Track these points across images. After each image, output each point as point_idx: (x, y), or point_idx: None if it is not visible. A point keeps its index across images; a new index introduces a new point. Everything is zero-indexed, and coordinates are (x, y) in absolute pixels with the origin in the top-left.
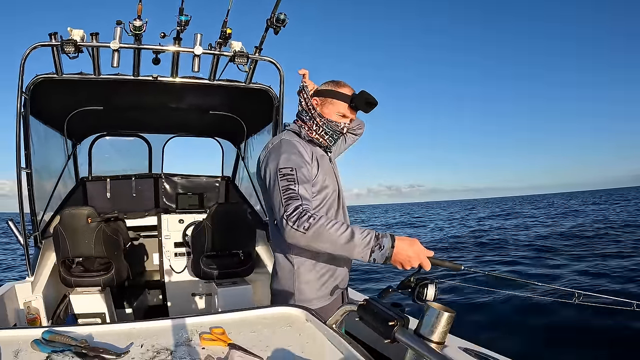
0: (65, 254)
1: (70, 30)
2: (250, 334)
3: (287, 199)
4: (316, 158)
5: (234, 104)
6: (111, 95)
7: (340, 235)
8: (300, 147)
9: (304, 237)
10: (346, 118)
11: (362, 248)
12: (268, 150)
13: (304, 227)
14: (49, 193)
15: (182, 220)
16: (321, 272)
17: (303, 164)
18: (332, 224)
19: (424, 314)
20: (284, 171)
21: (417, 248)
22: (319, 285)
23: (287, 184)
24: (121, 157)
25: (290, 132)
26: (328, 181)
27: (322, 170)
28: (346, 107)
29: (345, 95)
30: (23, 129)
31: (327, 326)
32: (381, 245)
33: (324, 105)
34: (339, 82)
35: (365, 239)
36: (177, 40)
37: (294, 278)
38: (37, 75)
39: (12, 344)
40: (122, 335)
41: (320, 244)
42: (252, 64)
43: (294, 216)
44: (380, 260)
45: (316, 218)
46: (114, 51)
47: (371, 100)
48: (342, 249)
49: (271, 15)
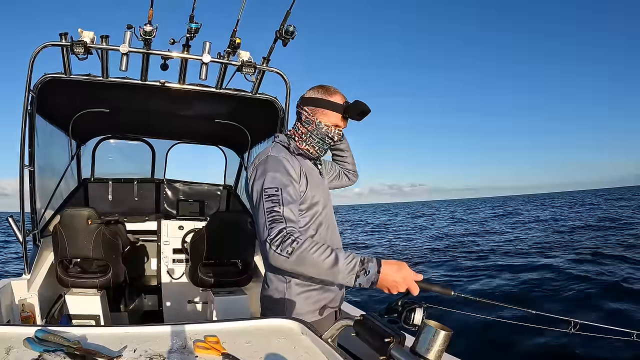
0: (63, 254)
1: (81, 31)
2: (244, 345)
3: (271, 221)
4: (304, 173)
5: (240, 113)
6: (118, 99)
7: (324, 261)
8: (287, 164)
9: (287, 261)
10: (339, 127)
11: (346, 273)
12: (255, 167)
13: (287, 251)
14: (51, 192)
15: (182, 226)
16: (313, 287)
17: (289, 182)
18: (315, 248)
19: (421, 332)
20: (269, 192)
21: (404, 272)
22: (310, 301)
23: (271, 206)
24: (124, 160)
25: (278, 146)
26: (317, 196)
27: (311, 185)
28: (339, 117)
29: (338, 105)
30: (29, 126)
31: (322, 340)
32: (366, 270)
33: (316, 115)
34: (328, 88)
35: (350, 264)
36: (186, 47)
37: (285, 291)
38: (45, 74)
39: (4, 340)
40: (116, 339)
41: (304, 268)
42: (259, 75)
43: (277, 240)
44: (366, 284)
45: (299, 242)
46: (123, 55)
47: (365, 109)
48: (326, 273)
49: (280, 27)
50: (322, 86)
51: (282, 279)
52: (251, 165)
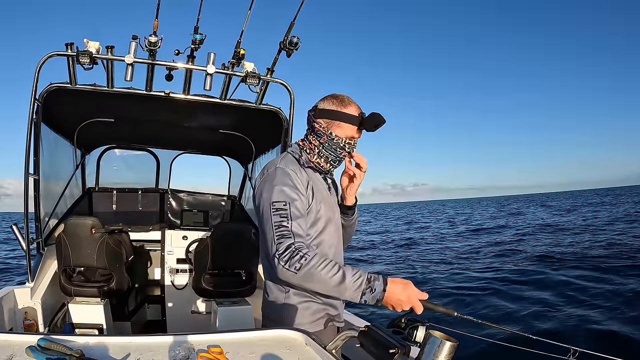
0: (66, 263)
1: (87, 41)
2: (248, 355)
3: (280, 236)
4: (312, 186)
5: (244, 124)
6: (123, 109)
7: (331, 278)
8: (294, 177)
9: (295, 277)
10: (354, 139)
11: (353, 290)
12: (263, 179)
13: (295, 267)
14: (55, 200)
15: (185, 236)
16: (312, 298)
17: (297, 196)
18: (323, 265)
19: (426, 343)
20: (277, 205)
21: (410, 291)
22: (309, 312)
23: (279, 220)
24: (129, 170)
25: (288, 157)
26: (323, 210)
27: (317, 199)
28: (355, 129)
29: (354, 117)
30: (34, 135)
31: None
32: (372, 288)
33: (331, 128)
34: (343, 99)
35: (357, 282)
36: (191, 58)
37: (284, 301)
38: (51, 84)
39: (6, 348)
40: (119, 348)
41: (311, 284)
42: (264, 85)
43: (285, 255)
44: (372, 302)
45: (308, 258)
46: (128, 65)
47: (381, 120)
48: (333, 290)
49: (284, 38)
50: (335, 96)
51: (281, 288)
52: (259, 176)
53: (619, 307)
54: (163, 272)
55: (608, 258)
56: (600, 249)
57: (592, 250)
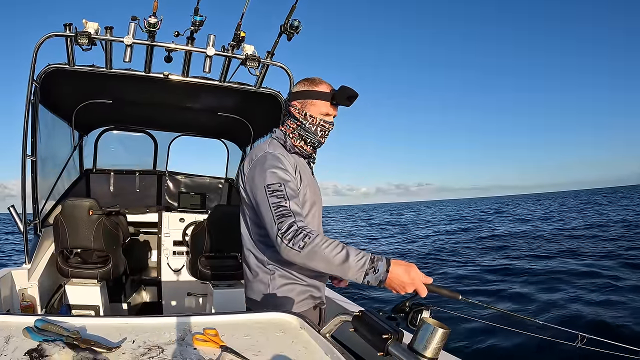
0: (64, 244)
1: (85, 22)
2: (243, 338)
3: (280, 216)
4: (299, 170)
5: (243, 106)
6: (121, 90)
7: (335, 256)
8: (284, 161)
9: (299, 255)
10: (329, 116)
11: (356, 270)
12: (252, 164)
13: (299, 245)
14: (53, 182)
15: (182, 219)
16: (296, 280)
17: (290, 177)
18: (327, 243)
19: (419, 329)
20: (273, 187)
21: (413, 274)
22: (294, 293)
23: (277, 201)
24: (126, 151)
25: (274, 143)
26: (309, 194)
27: (304, 182)
28: (328, 105)
29: (325, 93)
30: (31, 117)
31: (320, 335)
32: (376, 269)
33: (305, 107)
34: (313, 79)
35: (360, 261)
36: (191, 40)
37: (269, 283)
38: (49, 65)
39: (3, 329)
40: (115, 330)
41: (315, 262)
42: (263, 69)
43: (289, 234)
44: (374, 283)
45: (312, 237)
46: (127, 46)
47: (352, 93)
48: (336, 269)
49: (285, 21)
50: (307, 79)
51: (266, 270)
52: (246, 162)
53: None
54: (160, 254)
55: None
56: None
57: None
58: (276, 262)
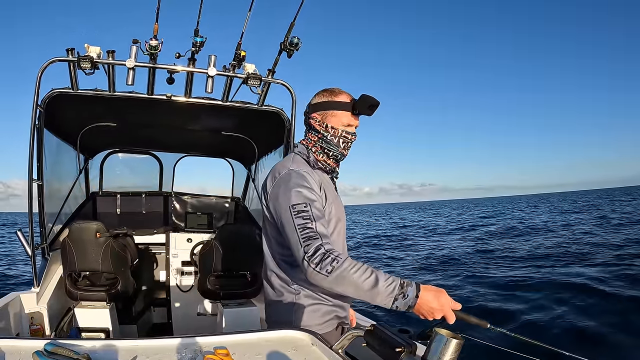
0: (72, 267)
1: (87, 46)
2: (254, 356)
3: (306, 238)
4: (324, 187)
5: (246, 125)
6: (125, 113)
7: (364, 282)
8: (309, 179)
9: (326, 280)
10: (351, 127)
11: (385, 295)
12: (276, 182)
13: (327, 270)
14: (59, 206)
15: (190, 239)
16: (322, 300)
17: (315, 196)
18: (356, 268)
19: (432, 341)
20: (298, 208)
21: (443, 300)
22: (319, 314)
23: (303, 222)
24: (132, 173)
25: (298, 159)
26: (334, 212)
27: (329, 199)
28: (349, 115)
29: (346, 103)
30: (37, 141)
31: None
32: (405, 294)
33: (326, 119)
34: (333, 90)
35: (390, 287)
36: (192, 61)
37: (294, 303)
38: (52, 90)
39: (13, 353)
40: (125, 352)
41: (343, 287)
42: (265, 87)
43: (316, 258)
44: (403, 308)
45: (339, 261)
46: (129, 69)
47: (374, 102)
48: (365, 294)
49: (284, 39)
50: (326, 89)
51: (291, 290)
52: (269, 179)
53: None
54: (168, 274)
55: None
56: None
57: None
58: (301, 281)
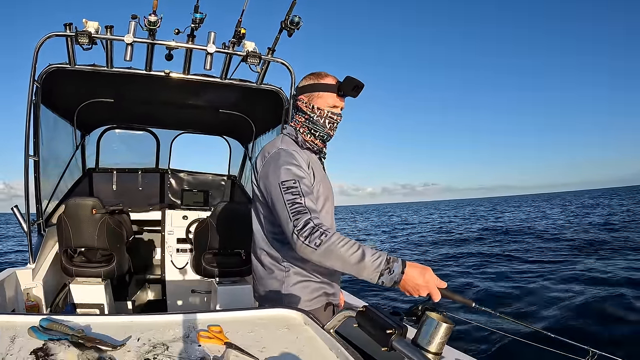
0: (67, 244)
1: (85, 21)
2: (247, 334)
3: (295, 213)
4: (312, 166)
5: (244, 103)
6: (122, 89)
7: (351, 255)
8: (298, 157)
9: (315, 253)
10: (337, 108)
11: (372, 270)
12: (266, 161)
13: (316, 243)
14: (56, 182)
15: (186, 216)
16: (311, 277)
17: (304, 173)
18: (343, 242)
19: (423, 324)
20: (287, 184)
21: (428, 277)
22: (308, 290)
23: (292, 198)
24: (129, 150)
25: (287, 139)
26: (322, 190)
27: (317, 178)
28: (335, 96)
29: (331, 84)
30: (33, 117)
31: (324, 330)
32: (391, 270)
33: (312, 100)
34: (319, 73)
35: (376, 261)
36: (191, 38)
37: (283, 280)
38: (50, 65)
39: (9, 329)
40: (120, 328)
41: (331, 261)
42: (264, 65)
43: (305, 231)
44: (389, 284)
45: (328, 235)
46: (128, 45)
47: (358, 83)
48: (351, 268)
49: (285, 17)
50: (312, 73)
51: (281, 267)
52: (259, 159)
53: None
54: (163, 252)
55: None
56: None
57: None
58: (291, 259)
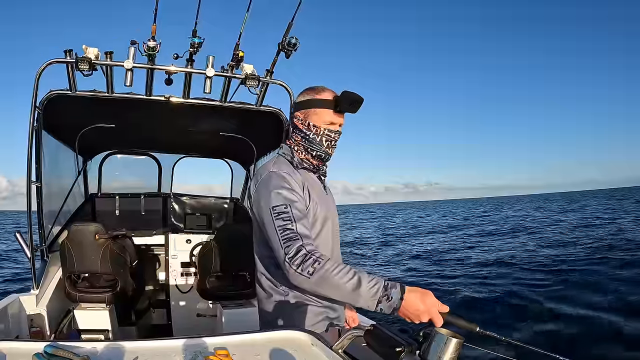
0: (71, 269)
1: (85, 48)
2: (255, 357)
3: (286, 239)
4: (307, 187)
5: (244, 126)
6: (123, 114)
7: (346, 283)
8: (289, 179)
9: (308, 281)
10: (334, 125)
11: (368, 298)
12: (258, 185)
13: (308, 271)
14: (58, 207)
15: (189, 240)
16: (312, 301)
17: (296, 197)
18: (338, 269)
19: (432, 340)
20: (278, 209)
21: (429, 302)
22: (310, 314)
23: (283, 224)
24: (131, 175)
25: (280, 160)
26: (319, 211)
27: (313, 199)
28: (332, 113)
29: (328, 100)
30: (35, 142)
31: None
32: (389, 297)
33: (308, 117)
34: (316, 87)
35: (373, 289)
36: (190, 62)
37: (284, 305)
38: (51, 91)
39: (13, 355)
40: (125, 353)
41: (325, 290)
42: (263, 87)
43: (297, 259)
44: (388, 311)
45: (321, 262)
46: (128, 70)
47: (356, 98)
48: (347, 296)
49: (283, 39)
50: (309, 88)
51: (280, 291)
52: (252, 182)
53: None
54: (168, 275)
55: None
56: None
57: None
58: (289, 284)
